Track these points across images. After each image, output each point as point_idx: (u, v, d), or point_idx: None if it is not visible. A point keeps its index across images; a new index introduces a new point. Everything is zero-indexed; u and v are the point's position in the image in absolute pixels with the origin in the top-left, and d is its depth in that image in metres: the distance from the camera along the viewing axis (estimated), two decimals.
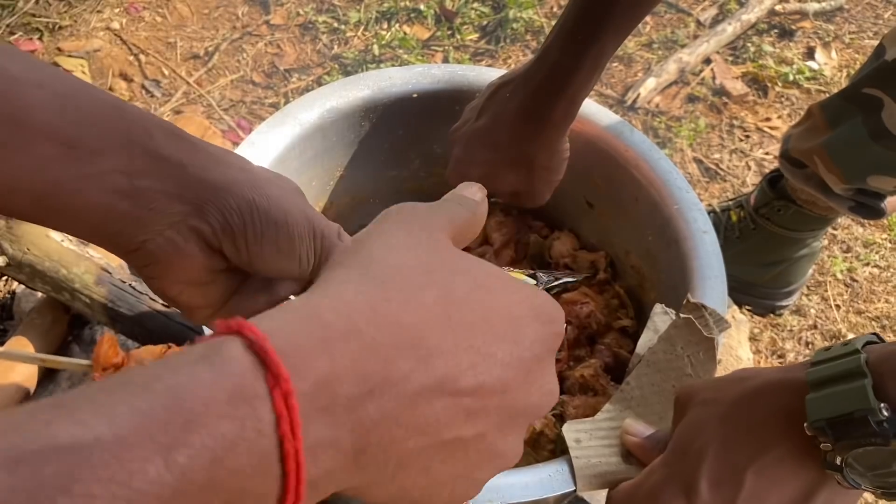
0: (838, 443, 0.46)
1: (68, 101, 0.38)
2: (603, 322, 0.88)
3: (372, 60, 1.62)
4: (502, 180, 0.79)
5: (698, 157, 1.55)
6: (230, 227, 0.41)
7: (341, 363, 0.27)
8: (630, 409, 0.66)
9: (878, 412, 0.44)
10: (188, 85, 1.55)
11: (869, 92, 0.97)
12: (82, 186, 0.38)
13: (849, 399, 0.46)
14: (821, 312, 1.36)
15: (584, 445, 0.63)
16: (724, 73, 1.69)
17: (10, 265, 1.05)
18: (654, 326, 0.69)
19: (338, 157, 0.92)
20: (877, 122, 0.95)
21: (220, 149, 0.43)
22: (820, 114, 1.06)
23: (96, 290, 1.05)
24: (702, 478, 0.51)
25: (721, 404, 0.53)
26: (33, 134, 0.37)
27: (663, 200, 0.81)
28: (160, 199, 0.40)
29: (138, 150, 0.39)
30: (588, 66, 0.71)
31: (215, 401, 0.24)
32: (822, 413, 0.46)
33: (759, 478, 0.50)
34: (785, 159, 1.12)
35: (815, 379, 0.48)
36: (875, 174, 1.00)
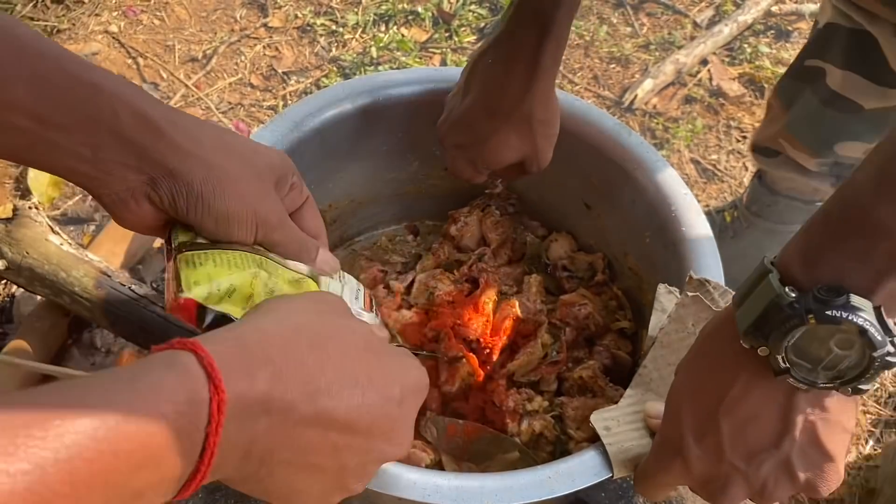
0: (769, 342, 0.47)
1: (44, 81, 0.43)
2: (601, 323, 0.89)
3: (370, 63, 1.62)
4: (507, 147, 0.77)
5: (695, 157, 1.55)
6: (176, 204, 0.49)
7: (254, 383, 0.37)
8: (651, 391, 0.67)
9: (785, 295, 0.46)
10: (186, 88, 1.55)
11: (810, 63, 0.98)
12: (51, 151, 0.45)
13: (761, 297, 0.47)
14: None
15: (615, 432, 0.64)
16: (720, 74, 1.70)
17: (9, 269, 1.05)
18: (661, 306, 0.70)
19: (337, 159, 0.93)
20: (824, 88, 0.97)
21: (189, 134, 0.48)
22: (775, 101, 1.08)
23: (96, 293, 1.05)
24: (686, 435, 0.53)
25: (688, 363, 0.55)
26: (9, 108, 0.43)
27: (661, 202, 0.81)
28: (119, 169, 0.47)
29: (104, 129, 0.45)
30: (567, 2, 0.70)
31: (177, 400, 0.34)
32: (747, 321, 0.48)
33: (732, 416, 0.51)
34: (757, 152, 1.14)
35: (737, 297, 0.50)
36: (841, 141, 1.01)
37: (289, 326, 0.41)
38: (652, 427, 0.64)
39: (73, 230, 1.33)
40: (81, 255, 1.08)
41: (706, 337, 0.54)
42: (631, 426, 0.64)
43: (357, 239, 1.05)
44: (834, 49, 0.94)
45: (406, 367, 0.46)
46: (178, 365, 0.36)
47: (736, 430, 0.51)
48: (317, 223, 0.60)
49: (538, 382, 0.86)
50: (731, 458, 0.51)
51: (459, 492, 0.62)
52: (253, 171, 0.51)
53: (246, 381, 0.37)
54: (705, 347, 0.54)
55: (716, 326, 0.54)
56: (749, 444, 0.51)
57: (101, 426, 0.31)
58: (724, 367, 0.51)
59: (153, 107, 0.47)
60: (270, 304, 0.45)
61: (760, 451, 0.51)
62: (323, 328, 0.43)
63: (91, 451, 0.30)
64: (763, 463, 0.51)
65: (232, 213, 0.50)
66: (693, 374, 0.54)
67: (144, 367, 0.36)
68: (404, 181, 1.01)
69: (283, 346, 0.40)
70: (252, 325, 0.41)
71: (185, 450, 0.34)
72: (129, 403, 0.33)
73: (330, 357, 0.41)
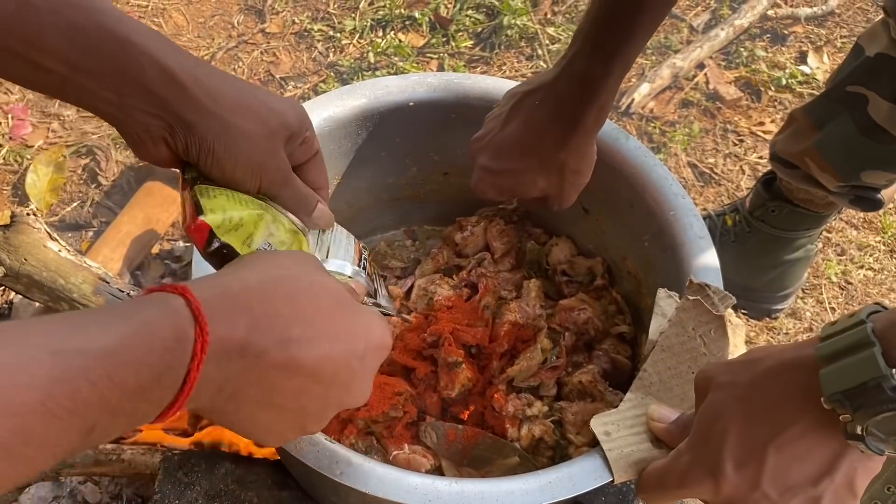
0: (857, 412, 0.47)
1: (77, 31, 0.47)
2: (601, 328, 0.89)
3: (367, 68, 1.63)
4: (532, 186, 0.80)
5: (693, 161, 1.56)
6: (188, 151, 0.53)
7: (234, 329, 0.42)
8: (651, 395, 0.67)
9: (891, 378, 0.46)
10: None
11: (853, 90, 0.98)
12: (80, 92, 0.50)
13: (861, 369, 0.47)
14: (816, 315, 1.37)
15: (615, 437, 0.64)
16: (717, 77, 1.70)
17: (7, 276, 1.05)
18: (661, 311, 0.70)
19: (335, 165, 0.93)
20: (865, 117, 0.97)
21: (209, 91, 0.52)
22: (804, 117, 1.07)
23: (94, 299, 1.05)
24: (726, 459, 0.53)
25: (738, 387, 0.55)
26: (43, 53, 0.47)
27: (659, 206, 0.81)
28: (140, 115, 0.51)
29: (130, 79, 0.49)
30: (618, 72, 0.72)
31: (166, 337, 0.39)
32: (837, 386, 0.48)
33: (780, 454, 0.52)
34: (776, 161, 1.14)
35: (825, 354, 0.50)
36: (868, 169, 1.01)
37: (268, 280, 0.46)
38: (654, 431, 0.64)
39: (72, 236, 1.33)
40: (80, 261, 1.08)
41: (769, 372, 0.54)
42: (631, 430, 0.64)
43: None
44: (883, 80, 0.94)
45: (371, 324, 0.50)
46: (169, 306, 0.40)
47: (781, 466, 0.52)
48: (321, 178, 0.64)
49: (538, 387, 0.86)
50: (767, 489, 0.53)
51: (460, 496, 0.62)
52: (265, 130, 0.55)
53: (227, 327, 0.41)
54: (767, 383, 0.54)
55: (783, 365, 0.53)
56: (788, 480, 0.52)
57: (102, 355, 0.36)
58: (786, 407, 0.52)
59: (179, 62, 0.51)
60: (254, 257, 0.51)
61: (797, 486, 0.52)
62: (298, 283, 0.47)
63: (92, 374, 0.35)
64: (795, 496, 0.52)
65: (238, 168, 0.55)
66: (746, 403, 0.54)
67: (140, 305, 0.40)
68: (402, 186, 1.01)
69: (261, 298, 0.44)
70: (236, 276, 0.46)
71: (169, 382, 0.39)
72: (128, 337, 0.37)
73: (303, 310, 0.45)
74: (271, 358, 0.43)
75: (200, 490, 0.83)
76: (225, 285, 0.44)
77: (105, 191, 1.41)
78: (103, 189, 1.41)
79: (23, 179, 1.38)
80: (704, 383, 0.58)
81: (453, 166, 0.99)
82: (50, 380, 0.34)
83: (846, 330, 0.49)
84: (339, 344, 0.47)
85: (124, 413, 0.37)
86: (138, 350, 0.37)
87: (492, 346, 0.87)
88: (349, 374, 0.48)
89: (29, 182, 1.37)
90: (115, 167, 1.43)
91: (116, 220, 1.28)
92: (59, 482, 1.01)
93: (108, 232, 1.25)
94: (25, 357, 0.34)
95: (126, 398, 0.37)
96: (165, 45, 0.51)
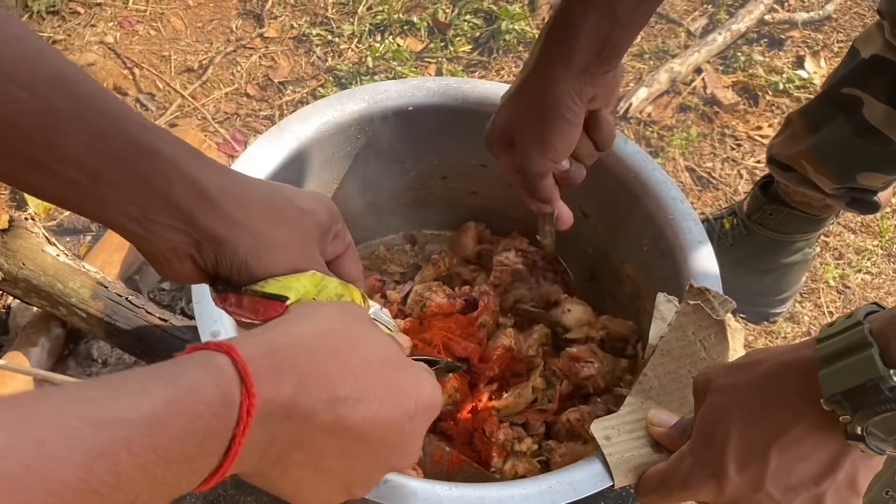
0: (856, 413, 0.48)
1: (101, 140, 0.44)
2: (601, 387, 0.87)
3: (366, 72, 1.63)
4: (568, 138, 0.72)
5: (690, 165, 1.56)
6: (218, 267, 0.50)
7: (281, 388, 0.39)
8: (650, 399, 0.67)
9: (889, 378, 0.46)
10: (183, 98, 1.56)
11: (848, 92, 0.98)
12: (101, 206, 0.46)
13: (859, 370, 0.47)
14: (814, 319, 1.37)
15: (615, 441, 0.64)
16: (714, 82, 1.70)
17: (5, 280, 1.05)
18: (661, 315, 0.70)
19: (334, 170, 0.93)
20: (859, 119, 0.97)
21: (238, 201, 0.49)
22: (799, 120, 1.07)
23: (93, 304, 1.04)
24: (729, 461, 0.54)
25: (738, 389, 0.55)
26: (65, 162, 0.44)
27: (658, 211, 0.81)
28: (165, 230, 0.48)
29: (155, 192, 0.46)
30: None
31: (211, 402, 0.36)
32: (835, 387, 0.48)
33: (782, 455, 0.52)
34: (773, 164, 1.14)
35: (823, 355, 0.50)
36: (864, 171, 1.01)
37: (316, 333, 0.44)
38: (654, 435, 0.64)
39: (70, 240, 1.33)
40: (78, 265, 1.08)
41: (768, 374, 0.54)
42: (631, 435, 0.64)
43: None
44: (877, 82, 0.94)
45: (421, 383, 0.48)
46: (213, 366, 0.38)
47: (783, 466, 0.52)
48: (356, 269, 0.61)
49: (524, 424, 0.84)
50: (770, 490, 0.53)
51: (461, 501, 0.62)
52: (298, 234, 0.53)
53: (274, 387, 0.39)
54: (767, 385, 0.54)
55: (782, 367, 0.53)
56: (791, 480, 0.52)
57: (145, 424, 0.34)
58: (787, 409, 0.52)
59: (206, 173, 0.48)
60: (301, 309, 0.49)
61: (799, 486, 0.52)
62: (347, 337, 0.45)
63: (135, 445, 0.33)
64: (798, 495, 0.53)
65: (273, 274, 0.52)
66: (747, 405, 0.54)
67: (183, 366, 0.38)
68: (402, 191, 1.01)
69: (308, 353, 0.42)
70: (283, 330, 0.44)
71: (213, 449, 0.37)
72: (171, 403, 0.35)
73: (351, 367, 0.43)
74: (319, 419, 0.41)
75: (199, 495, 0.83)
76: (272, 340, 0.42)
77: None
78: None
79: None
80: (703, 386, 0.59)
81: (452, 170, 0.99)
82: (90, 454, 0.32)
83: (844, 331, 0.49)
84: (389, 404, 0.44)
85: (166, 484, 0.35)
86: (182, 417, 0.35)
87: (481, 367, 0.85)
88: (399, 435, 0.45)
89: None
90: None
91: None
92: None
93: (107, 236, 1.25)
94: (65, 430, 0.32)
95: (169, 468, 0.35)
96: (192, 155, 0.48)
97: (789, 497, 0.53)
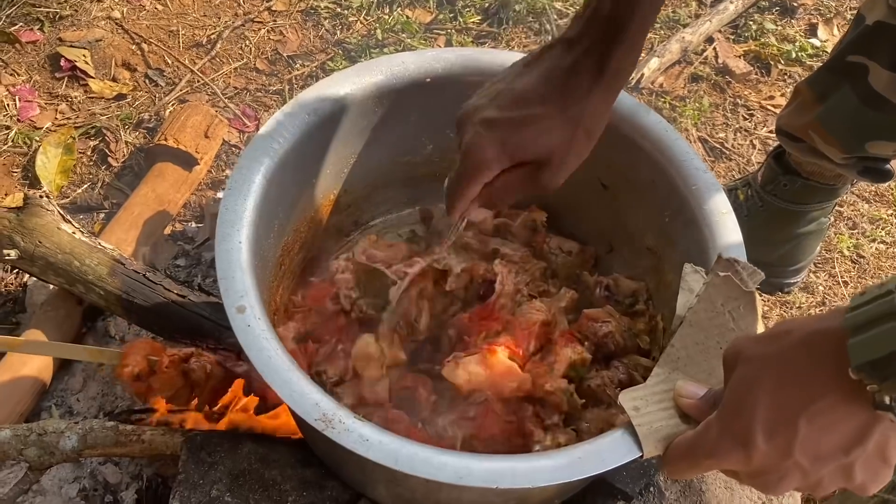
0: (884, 383, 0.48)
1: None
2: (621, 345, 0.87)
3: (375, 45, 1.61)
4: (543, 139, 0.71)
5: (703, 136, 1.55)
6: None
7: None
8: (678, 370, 0.67)
9: None
10: (192, 73, 1.54)
11: (853, 59, 0.97)
12: None
13: (887, 339, 0.47)
14: (829, 289, 1.37)
15: (644, 412, 0.64)
16: (726, 51, 1.69)
17: (22, 258, 1.05)
18: (688, 286, 0.70)
19: (351, 144, 0.92)
20: (865, 87, 0.96)
21: None
22: (807, 90, 1.06)
23: (110, 281, 1.04)
24: (757, 430, 0.54)
25: (767, 359, 0.55)
26: None
27: (681, 181, 0.81)
28: None
29: None
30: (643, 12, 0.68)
31: None
32: (864, 356, 0.48)
33: (811, 424, 0.52)
34: (782, 135, 1.13)
35: (853, 324, 0.49)
36: (873, 140, 1.00)
37: None
38: (682, 407, 0.64)
39: (83, 218, 1.33)
40: (94, 243, 1.08)
41: (798, 344, 0.54)
42: (659, 405, 0.64)
43: (371, 223, 1.05)
44: (882, 48, 0.93)
45: None
46: None
47: (812, 436, 0.52)
48: None
49: None
50: (798, 458, 0.53)
51: (490, 473, 0.62)
52: None
53: None
54: (796, 355, 0.54)
55: (811, 336, 0.53)
56: (820, 449, 0.53)
57: None
58: (816, 378, 0.52)
59: None
60: None
61: (828, 455, 0.53)
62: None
63: None
64: (827, 464, 0.53)
65: None
66: (776, 375, 0.54)
67: None
68: (418, 165, 1.00)
69: None
70: None
71: None
72: None
73: None
74: None
75: (224, 469, 0.83)
76: None
77: (115, 172, 1.40)
78: (113, 170, 1.40)
79: (32, 162, 1.37)
80: (733, 357, 0.59)
81: None
82: None
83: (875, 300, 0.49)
84: None
85: None
86: None
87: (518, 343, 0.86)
88: None
89: (39, 164, 1.36)
90: (125, 148, 1.42)
91: (128, 202, 1.27)
92: (80, 463, 1.02)
93: (121, 213, 1.25)
94: None
95: None
96: None
97: (818, 466, 0.53)
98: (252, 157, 0.80)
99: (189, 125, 1.35)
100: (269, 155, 0.81)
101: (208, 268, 1.23)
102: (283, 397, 0.64)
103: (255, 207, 0.77)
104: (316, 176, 0.91)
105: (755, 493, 0.90)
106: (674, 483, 0.88)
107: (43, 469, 0.90)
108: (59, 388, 1.10)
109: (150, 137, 1.43)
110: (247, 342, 0.66)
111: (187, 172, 1.33)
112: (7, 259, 1.04)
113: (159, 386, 0.96)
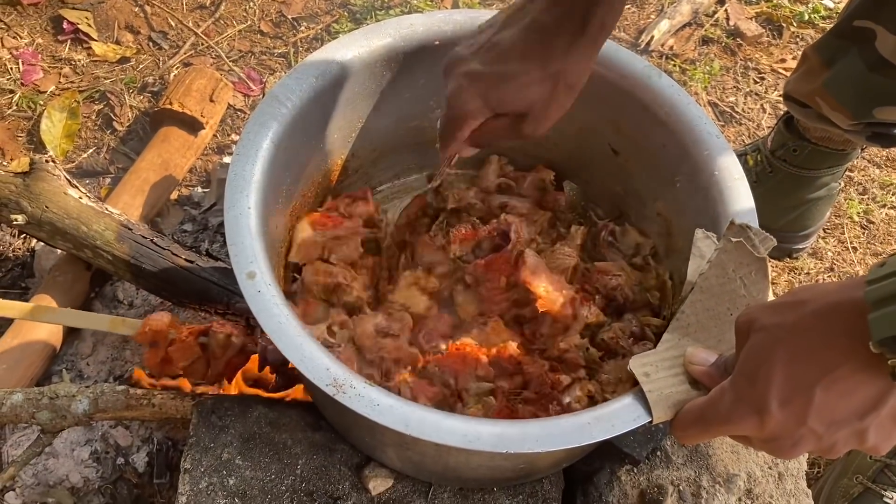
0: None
1: None
2: (630, 298, 0.88)
3: (381, 7, 1.59)
4: (522, 96, 0.72)
5: (713, 100, 1.53)
6: None
7: None
8: (688, 335, 0.67)
9: None
10: (196, 36, 1.53)
11: (860, 24, 0.96)
12: None
13: None
14: (837, 255, 1.36)
15: (654, 378, 0.64)
16: (738, 13, 1.66)
17: (30, 223, 1.05)
18: (699, 252, 0.70)
19: (359, 107, 0.91)
20: (872, 52, 0.94)
21: None
22: (814, 55, 1.05)
23: (118, 246, 1.04)
24: (772, 397, 0.54)
25: (783, 329, 0.55)
26: None
27: (693, 146, 0.80)
28: None
29: None
30: None
31: None
32: (886, 331, 0.48)
33: (828, 392, 0.52)
34: (790, 101, 1.12)
35: (874, 298, 0.49)
36: (880, 106, 0.99)
37: None
38: (693, 373, 0.64)
39: (89, 183, 1.32)
40: (101, 208, 1.07)
41: (814, 314, 0.54)
42: (670, 371, 0.64)
43: (379, 189, 1.04)
44: (889, 12, 0.91)
45: None
46: None
47: (827, 402, 0.53)
48: None
49: None
50: (813, 424, 0.53)
51: (500, 438, 0.62)
52: None
53: None
54: (813, 325, 0.54)
55: (828, 307, 0.53)
56: (835, 415, 0.53)
57: None
58: (834, 349, 0.52)
59: None
60: None
61: (842, 420, 0.53)
62: None
63: None
64: (841, 429, 0.53)
65: None
66: (792, 344, 0.54)
67: None
68: (426, 129, 0.99)
69: None
70: None
71: None
72: None
73: None
74: None
75: (235, 433, 0.84)
76: None
77: (120, 136, 1.39)
78: (118, 135, 1.39)
79: (37, 126, 1.37)
80: (746, 325, 0.58)
81: None
82: None
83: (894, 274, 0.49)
84: None
85: None
86: None
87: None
88: None
89: (43, 128, 1.35)
90: (130, 112, 1.41)
91: (134, 166, 1.26)
92: (91, 426, 1.03)
93: (127, 178, 1.24)
94: None
95: None
96: None
97: (832, 431, 0.54)
98: (260, 121, 0.79)
99: (194, 89, 1.34)
100: (277, 119, 0.80)
101: (215, 233, 1.23)
102: (293, 362, 0.64)
103: (264, 172, 0.76)
104: (324, 140, 0.90)
105: (761, 455, 0.91)
106: (680, 448, 0.89)
107: (55, 432, 0.90)
108: (69, 353, 1.11)
109: (155, 101, 1.42)
110: (257, 308, 0.66)
111: (193, 137, 1.32)
112: (15, 224, 1.04)
113: (178, 355, 0.97)
